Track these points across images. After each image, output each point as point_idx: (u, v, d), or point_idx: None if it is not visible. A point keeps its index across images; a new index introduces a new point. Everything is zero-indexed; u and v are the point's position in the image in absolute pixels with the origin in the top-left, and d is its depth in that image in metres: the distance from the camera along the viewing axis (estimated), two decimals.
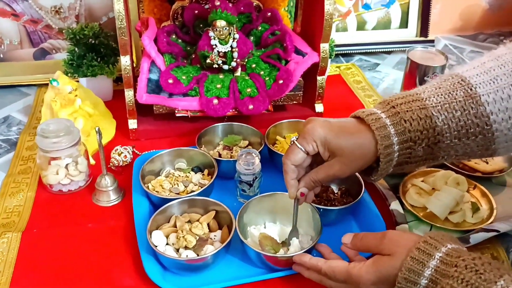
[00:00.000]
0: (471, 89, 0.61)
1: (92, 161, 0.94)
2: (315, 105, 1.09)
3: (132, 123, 1.01)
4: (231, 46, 1.00)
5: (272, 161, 0.93)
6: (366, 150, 0.65)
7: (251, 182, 0.83)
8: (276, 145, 0.97)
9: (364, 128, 0.65)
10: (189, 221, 0.78)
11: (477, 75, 0.62)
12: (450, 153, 0.65)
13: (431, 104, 0.63)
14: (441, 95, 0.63)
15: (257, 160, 0.83)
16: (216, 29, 0.98)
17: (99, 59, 1.10)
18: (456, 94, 0.62)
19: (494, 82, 0.61)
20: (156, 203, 0.82)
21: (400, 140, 0.63)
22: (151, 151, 0.97)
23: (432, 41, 1.42)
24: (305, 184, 0.69)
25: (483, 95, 0.61)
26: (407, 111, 0.63)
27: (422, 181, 0.90)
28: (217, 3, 0.98)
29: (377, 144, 0.63)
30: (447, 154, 0.65)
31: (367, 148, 0.64)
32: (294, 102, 1.06)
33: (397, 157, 0.65)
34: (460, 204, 0.84)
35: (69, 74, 1.07)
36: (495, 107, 0.60)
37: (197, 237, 0.74)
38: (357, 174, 0.84)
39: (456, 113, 0.61)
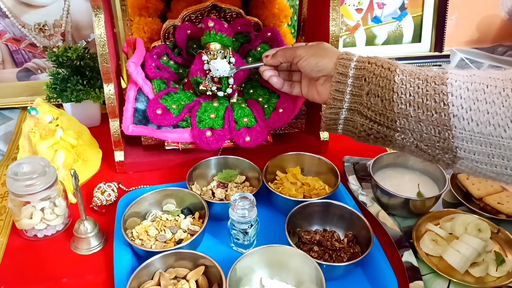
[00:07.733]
0: (443, 73, 0.62)
1: (73, 200, 0.86)
2: (320, 132, 1.00)
3: (119, 155, 0.93)
4: None
5: (270, 200, 0.84)
6: (328, 58, 0.72)
7: (246, 230, 0.74)
8: (276, 181, 0.88)
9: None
10: (175, 277, 0.69)
11: (458, 71, 0.63)
12: (405, 127, 0.63)
13: (401, 67, 0.65)
14: (416, 68, 0.65)
15: (253, 207, 0.73)
16: (210, 53, 0.89)
17: (84, 82, 1.01)
18: (427, 71, 0.64)
19: (468, 76, 0.60)
20: (140, 254, 0.74)
21: (355, 74, 0.67)
22: (139, 187, 0.89)
23: (448, 56, 1.31)
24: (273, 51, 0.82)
25: (451, 78, 0.61)
26: (375, 58, 0.68)
27: (438, 224, 0.80)
28: (211, 24, 0.88)
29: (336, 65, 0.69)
30: (403, 127, 0.64)
31: (329, 60, 0.72)
32: (296, 130, 0.97)
33: (349, 91, 0.67)
34: (482, 255, 0.74)
35: (52, 100, 0.99)
36: (458, 92, 0.59)
37: None
38: (364, 219, 0.76)
39: (417, 80, 0.62)
